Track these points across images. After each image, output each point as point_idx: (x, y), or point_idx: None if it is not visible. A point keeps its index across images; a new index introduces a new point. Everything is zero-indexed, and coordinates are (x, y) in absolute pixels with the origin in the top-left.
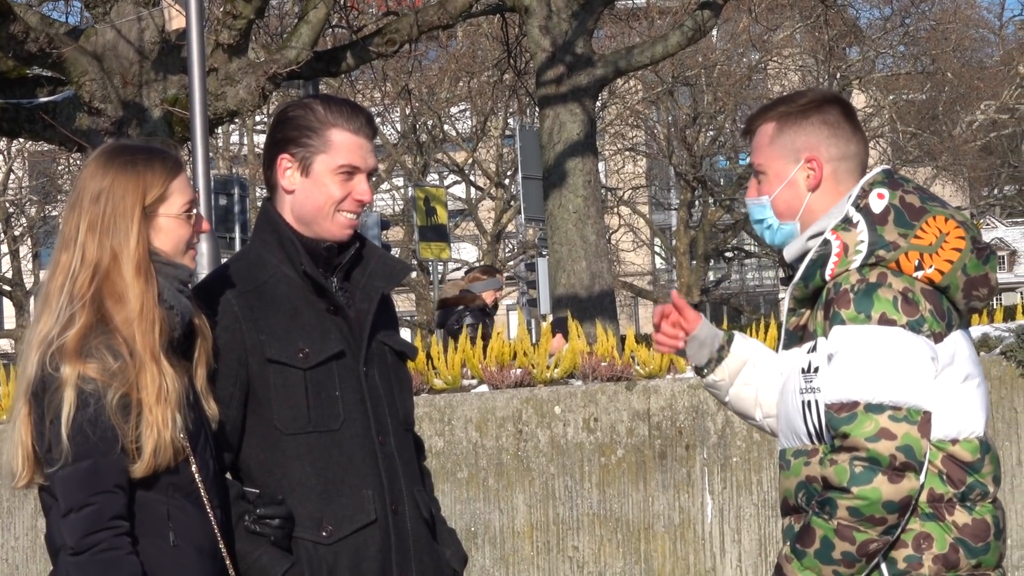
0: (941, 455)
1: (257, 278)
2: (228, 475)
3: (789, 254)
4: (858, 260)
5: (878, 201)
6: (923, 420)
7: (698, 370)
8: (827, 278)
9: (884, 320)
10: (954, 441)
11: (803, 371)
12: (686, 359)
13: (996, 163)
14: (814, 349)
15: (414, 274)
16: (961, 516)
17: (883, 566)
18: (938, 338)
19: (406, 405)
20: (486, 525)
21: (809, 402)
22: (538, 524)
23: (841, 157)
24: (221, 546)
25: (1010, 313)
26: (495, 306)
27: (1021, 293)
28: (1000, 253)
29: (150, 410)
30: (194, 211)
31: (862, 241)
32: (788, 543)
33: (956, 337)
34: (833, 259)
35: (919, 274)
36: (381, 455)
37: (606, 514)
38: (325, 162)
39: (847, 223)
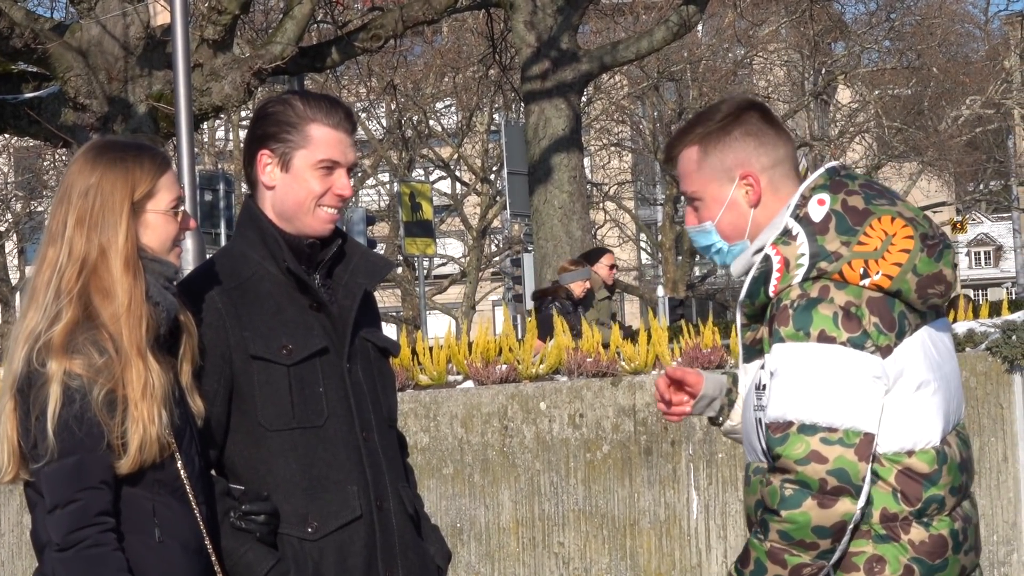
0: (895, 471)
1: (240, 275)
2: (213, 472)
3: (736, 270)
4: (800, 274)
5: (818, 208)
6: (862, 442)
7: (713, 420)
8: (771, 294)
9: (823, 337)
10: (910, 453)
11: (756, 387)
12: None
13: (982, 158)
14: (763, 366)
15: (400, 270)
16: (917, 534)
17: None
18: (885, 352)
19: (389, 401)
20: (471, 521)
21: (760, 419)
22: (524, 520)
23: (773, 164)
24: (207, 542)
25: (996, 308)
26: (586, 296)
27: (1007, 288)
28: (986, 248)
29: (136, 406)
30: (181, 208)
31: (802, 254)
32: (734, 562)
33: (910, 344)
34: (775, 275)
35: (866, 282)
36: (365, 451)
37: (592, 510)
38: (305, 157)
39: (786, 236)
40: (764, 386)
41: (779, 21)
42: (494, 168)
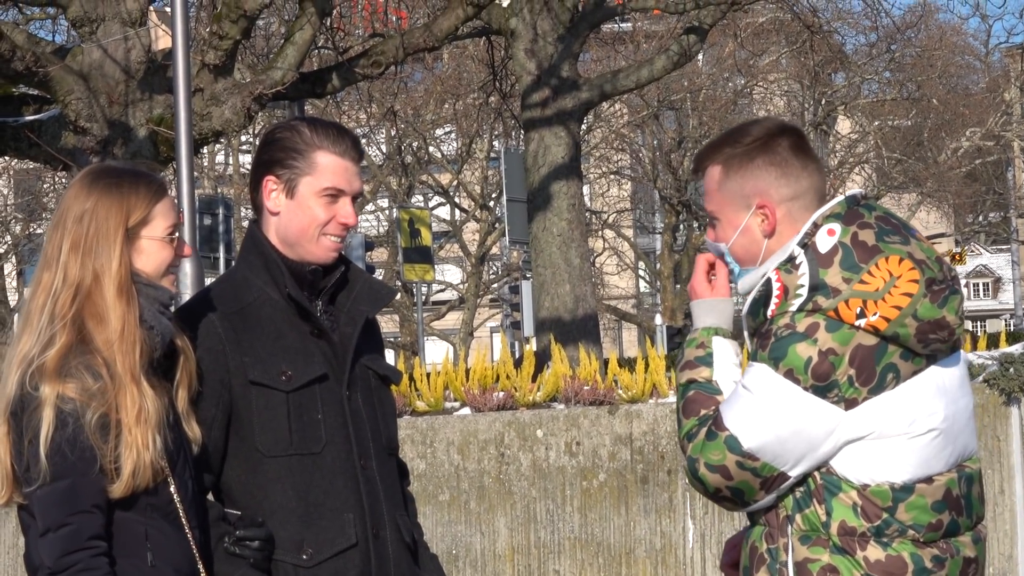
0: (855, 491)
1: (242, 300)
2: (210, 496)
3: (742, 288)
4: (796, 304)
5: (827, 239)
6: (772, 479)
7: None
8: (768, 318)
9: (789, 376)
10: (864, 487)
11: None
12: None
13: (981, 190)
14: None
15: (398, 296)
16: (874, 552)
17: None
18: (850, 404)
19: (389, 429)
20: (467, 548)
21: None
22: (519, 547)
23: (793, 196)
24: (200, 567)
25: (994, 340)
26: None
27: (1005, 320)
28: (984, 280)
29: (129, 431)
30: (176, 235)
31: (802, 285)
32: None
33: (890, 396)
34: (774, 301)
35: (861, 323)
36: (363, 479)
37: (587, 538)
38: (310, 184)
39: (790, 263)
40: None
41: (779, 51)
42: (493, 195)
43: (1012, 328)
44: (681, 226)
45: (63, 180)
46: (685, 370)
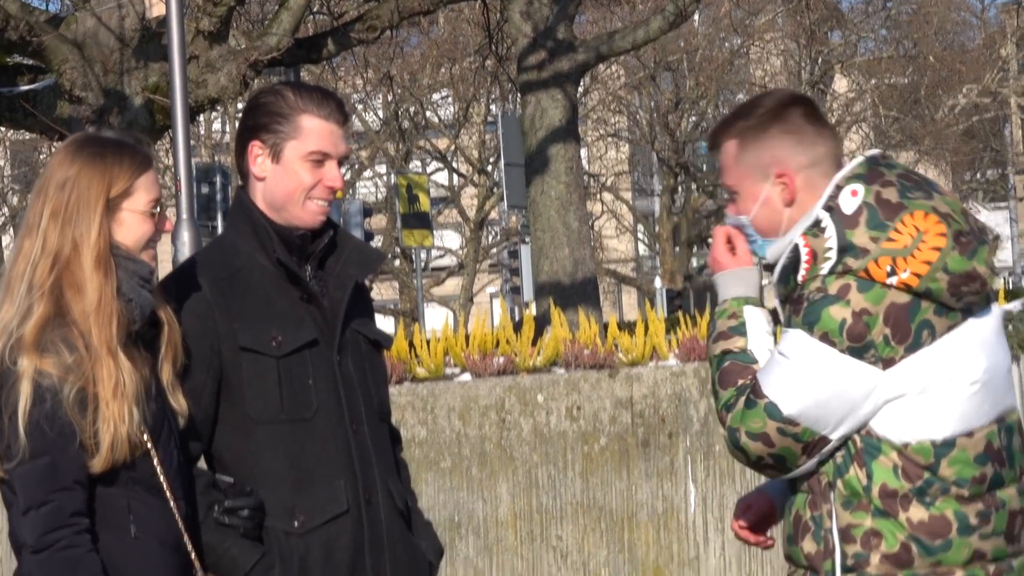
0: (895, 452)
1: (231, 265)
2: (201, 464)
3: (769, 256)
4: (826, 268)
5: (850, 200)
6: (814, 443)
7: None
8: (799, 283)
9: (824, 339)
10: (905, 445)
11: None
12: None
13: (978, 147)
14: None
15: (397, 262)
16: (916, 512)
17: (835, 559)
18: (888, 363)
19: (381, 394)
20: (469, 515)
21: None
22: (521, 513)
23: (811, 163)
24: (185, 538)
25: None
26: None
27: (1003, 278)
28: None
29: (107, 405)
30: (158, 209)
31: (830, 248)
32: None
33: (928, 352)
34: (803, 267)
35: (892, 280)
36: (355, 444)
37: (589, 503)
38: (295, 148)
39: (816, 227)
40: None
41: (775, 10)
42: (491, 159)
43: (1011, 286)
44: (680, 188)
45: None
46: (719, 341)
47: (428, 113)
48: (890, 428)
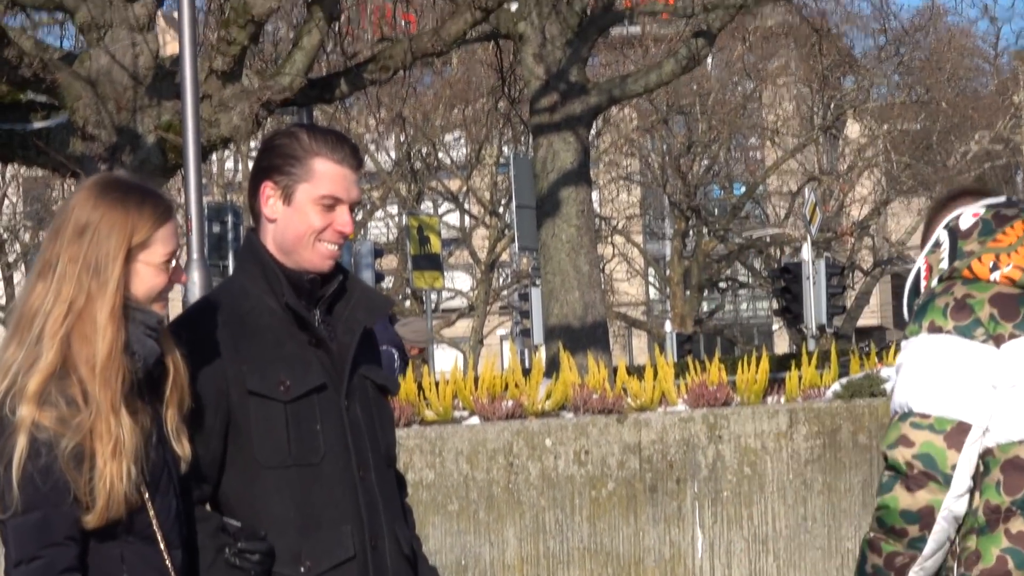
0: (1003, 460)
1: (240, 308)
2: (208, 507)
3: (909, 285)
4: (937, 278)
5: (970, 218)
6: (953, 431)
7: None
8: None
9: (932, 328)
10: (1021, 441)
11: None
12: None
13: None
14: None
15: (408, 303)
16: (1016, 524)
17: None
18: (999, 340)
19: (388, 440)
20: (476, 558)
21: None
22: (528, 557)
23: None
24: None
25: None
26: None
27: None
28: None
29: (104, 462)
30: (173, 262)
31: (943, 259)
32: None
33: None
34: (923, 283)
35: (996, 275)
36: (362, 490)
37: (597, 548)
38: (307, 191)
39: (935, 247)
40: None
41: (788, 55)
42: (503, 201)
43: None
44: (691, 232)
45: (72, 187)
46: None
47: (440, 154)
48: (1008, 425)
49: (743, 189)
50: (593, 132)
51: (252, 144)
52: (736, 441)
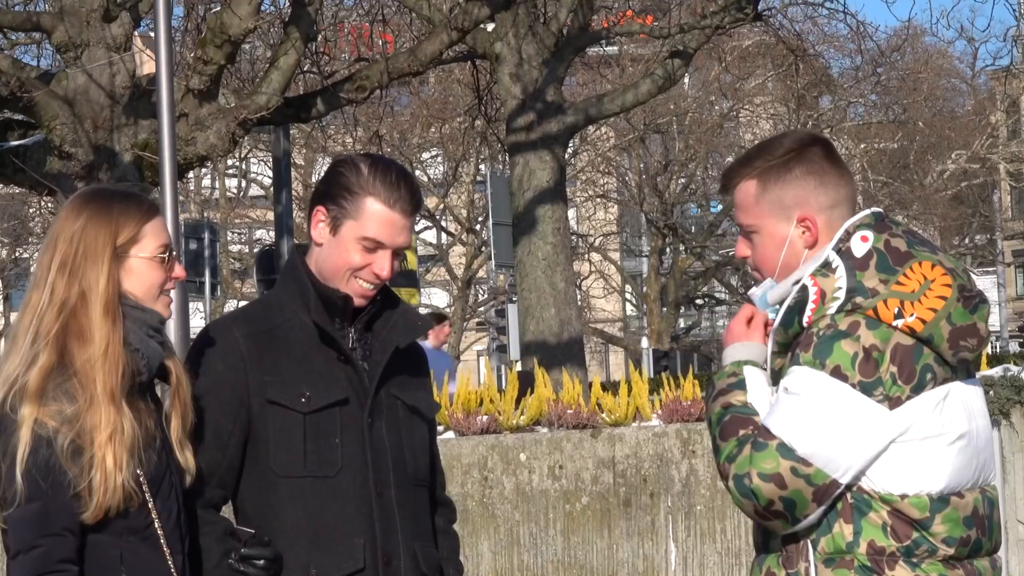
0: (886, 509)
1: (271, 320)
2: (220, 512)
3: (773, 298)
4: (834, 307)
5: (861, 244)
6: (824, 487)
7: None
8: (804, 324)
9: (836, 373)
10: (903, 496)
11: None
12: None
13: (967, 212)
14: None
15: None
16: (902, 572)
17: None
18: (894, 403)
19: (417, 460)
20: None
21: None
22: (503, 571)
23: (832, 204)
24: None
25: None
26: None
27: (991, 343)
28: None
29: (101, 452)
30: (168, 255)
31: (839, 288)
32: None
33: (927, 398)
34: (810, 306)
35: (899, 323)
36: (377, 507)
37: (571, 561)
38: (352, 229)
39: (826, 268)
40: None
41: (765, 74)
42: (480, 219)
43: (997, 350)
44: (667, 249)
45: (49, 205)
46: (718, 398)
47: (417, 172)
48: (888, 479)
49: (720, 207)
50: (570, 151)
51: (229, 162)
52: (709, 456)
